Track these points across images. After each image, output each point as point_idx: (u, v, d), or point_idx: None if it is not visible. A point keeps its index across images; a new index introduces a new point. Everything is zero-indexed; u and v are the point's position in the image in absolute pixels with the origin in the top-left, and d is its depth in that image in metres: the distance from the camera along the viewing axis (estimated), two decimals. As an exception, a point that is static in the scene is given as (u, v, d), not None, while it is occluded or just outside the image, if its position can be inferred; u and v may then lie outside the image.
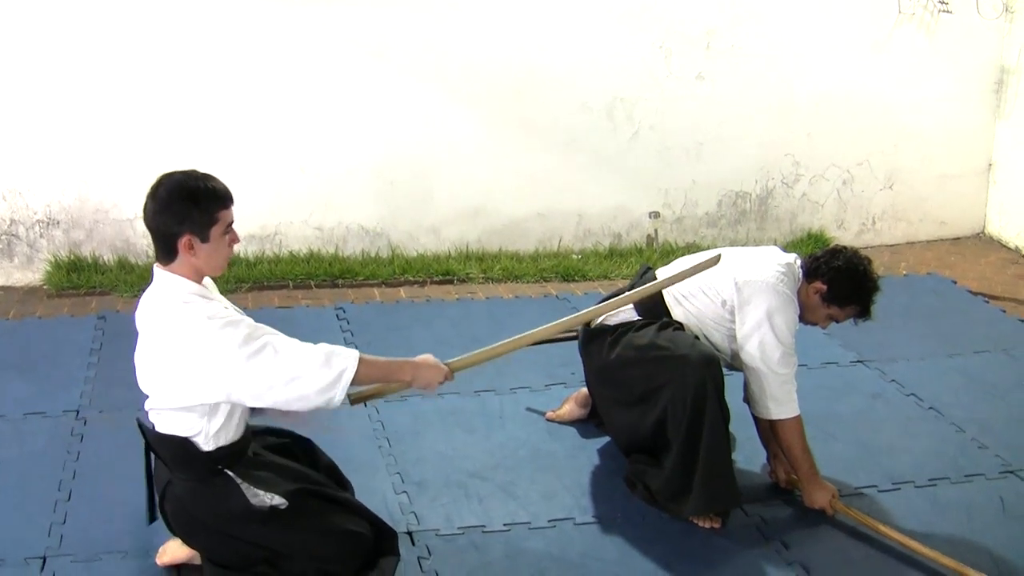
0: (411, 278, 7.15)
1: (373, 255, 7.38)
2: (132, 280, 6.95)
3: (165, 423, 3.65)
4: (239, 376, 3.45)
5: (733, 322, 4.43)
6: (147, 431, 3.76)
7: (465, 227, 7.49)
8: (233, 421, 3.66)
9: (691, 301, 4.53)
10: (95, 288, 6.96)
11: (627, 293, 4.46)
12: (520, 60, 7.24)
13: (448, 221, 7.48)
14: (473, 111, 7.29)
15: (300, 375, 3.47)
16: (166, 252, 3.56)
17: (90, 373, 5.75)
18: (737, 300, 4.39)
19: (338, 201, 7.28)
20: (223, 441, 3.65)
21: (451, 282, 7.17)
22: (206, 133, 6.88)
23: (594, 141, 7.52)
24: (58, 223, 7.11)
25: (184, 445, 3.62)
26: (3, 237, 7.07)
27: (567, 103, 7.40)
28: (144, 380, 3.67)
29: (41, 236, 7.11)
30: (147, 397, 3.71)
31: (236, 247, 3.75)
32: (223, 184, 3.61)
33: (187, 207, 3.49)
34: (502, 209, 7.49)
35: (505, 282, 7.18)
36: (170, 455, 3.70)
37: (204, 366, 3.47)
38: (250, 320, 3.57)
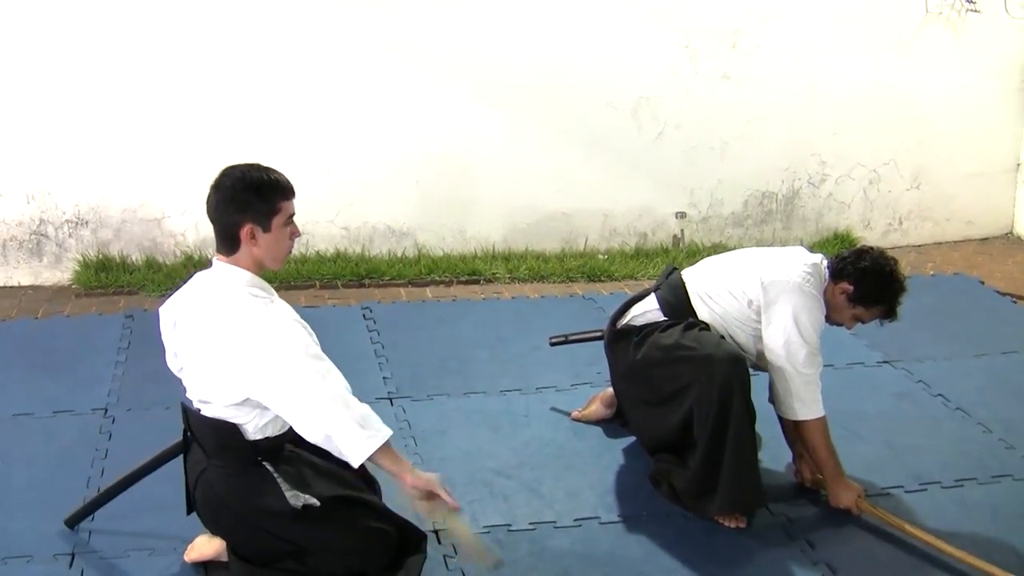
0: (437, 278, 7.17)
1: (399, 255, 7.40)
2: (159, 279, 7.00)
3: (213, 409, 3.68)
4: (288, 385, 3.51)
5: (759, 322, 4.42)
6: (191, 415, 3.79)
7: (491, 227, 7.50)
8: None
9: (717, 301, 4.52)
10: (123, 287, 7.02)
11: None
12: (546, 60, 7.25)
13: (474, 221, 7.50)
14: (500, 111, 7.30)
15: (335, 417, 3.55)
16: (228, 243, 3.62)
17: (118, 371, 5.79)
18: (763, 300, 4.38)
19: (365, 201, 7.31)
20: (269, 432, 3.68)
21: (477, 282, 7.19)
22: (233, 134, 6.92)
23: (619, 141, 7.52)
24: (86, 223, 7.16)
25: (229, 432, 3.66)
26: (32, 237, 7.12)
27: (593, 103, 7.41)
28: (193, 370, 3.72)
29: (70, 236, 7.17)
30: (187, 386, 3.79)
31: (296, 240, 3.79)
32: (285, 176, 3.67)
33: (250, 197, 3.57)
34: (528, 209, 7.51)
35: (531, 282, 7.20)
36: (212, 441, 3.73)
37: (263, 365, 3.51)
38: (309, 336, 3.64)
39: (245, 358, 3.53)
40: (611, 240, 7.75)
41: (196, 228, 7.20)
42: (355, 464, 3.59)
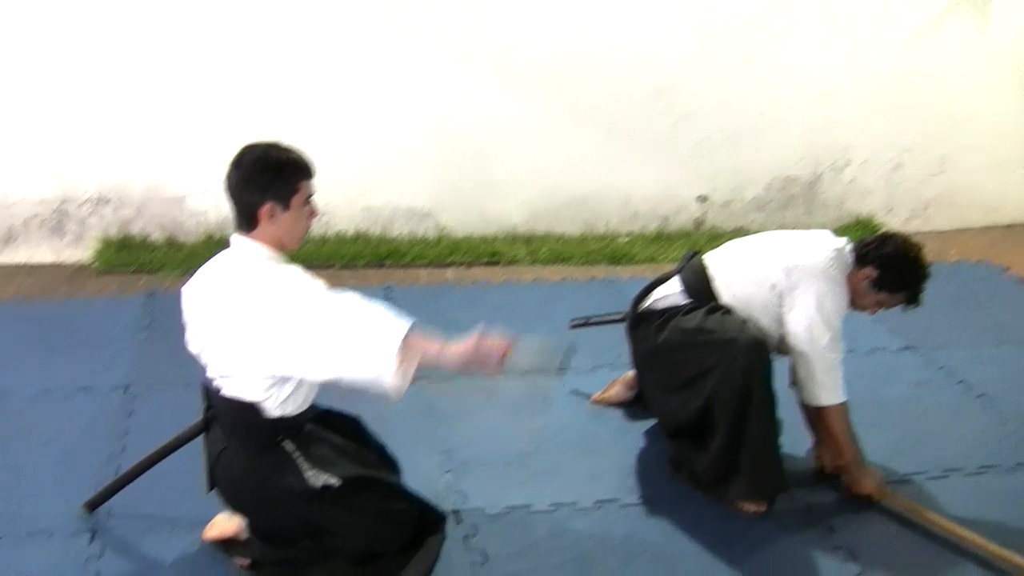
0: (458, 260, 7.15)
1: (420, 236, 7.39)
2: (181, 258, 6.99)
3: (233, 387, 3.68)
4: (304, 337, 3.46)
5: (781, 307, 4.40)
6: (211, 393, 3.80)
7: (513, 209, 7.49)
8: (302, 390, 3.69)
9: (739, 285, 4.50)
10: (144, 266, 7.00)
11: None
12: (567, 42, 7.21)
13: (496, 203, 7.48)
14: (521, 94, 7.28)
15: (349, 346, 3.43)
16: (247, 221, 3.62)
17: (139, 350, 5.80)
18: (786, 284, 4.36)
19: (386, 182, 7.30)
20: (289, 410, 3.68)
21: (498, 264, 7.17)
22: (255, 113, 6.89)
23: (641, 123, 7.49)
24: (108, 201, 7.16)
25: (248, 411, 3.66)
26: (54, 215, 7.13)
27: (615, 85, 7.37)
28: (213, 345, 3.72)
29: (91, 214, 7.17)
30: (207, 365, 3.78)
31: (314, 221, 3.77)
32: (305, 155, 3.67)
33: (270, 176, 3.58)
34: (550, 191, 7.49)
35: (552, 264, 7.17)
36: (231, 420, 3.74)
37: (280, 328, 3.48)
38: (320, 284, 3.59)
39: (262, 309, 3.51)
40: (632, 223, 7.73)
41: (218, 207, 7.18)
42: (390, 378, 3.42)
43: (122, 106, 6.90)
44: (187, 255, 7.02)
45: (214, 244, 6.89)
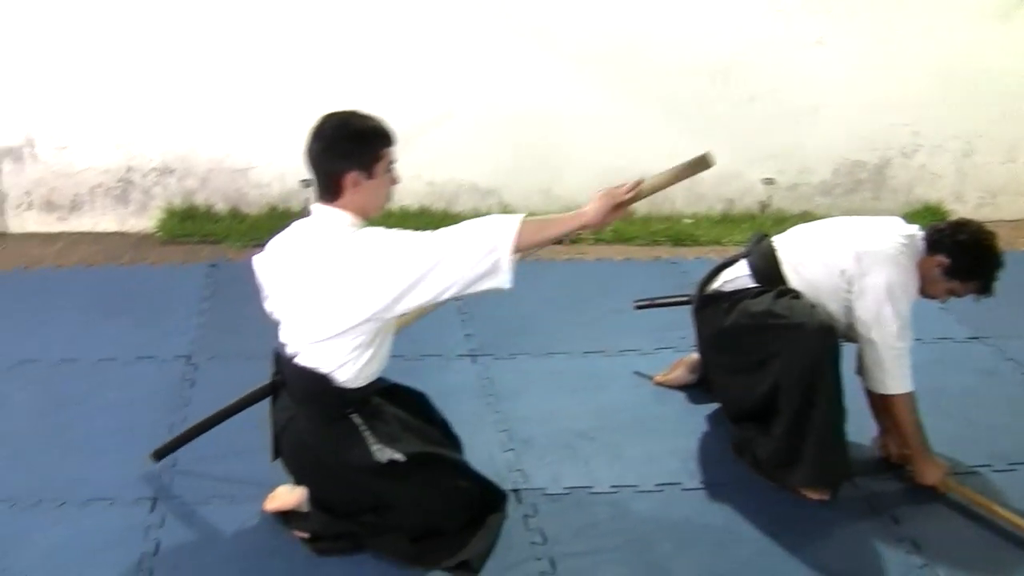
0: (521, 236, 7.12)
1: (483, 212, 7.34)
2: (243, 230, 7.04)
3: (309, 356, 3.68)
4: (408, 267, 3.49)
5: (850, 292, 4.33)
6: (283, 361, 3.81)
7: (578, 187, 7.39)
8: (380, 354, 3.71)
9: (808, 269, 4.44)
10: (207, 237, 7.06)
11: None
12: (635, 21, 7.16)
13: (561, 181, 7.44)
14: (587, 72, 7.24)
15: (457, 247, 3.49)
16: (330, 190, 3.64)
17: (201, 320, 5.84)
18: (856, 270, 4.29)
19: (451, 157, 7.28)
20: (363, 378, 3.70)
21: (561, 242, 7.09)
22: (320, 87, 6.90)
23: (709, 104, 7.42)
24: (172, 171, 7.21)
25: (321, 381, 3.67)
26: (119, 184, 7.19)
27: (683, 65, 7.31)
28: (297, 312, 3.73)
29: (156, 184, 7.22)
30: (284, 332, 3.82)
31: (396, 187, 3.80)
32: (385, 123, 3.69)
33: (353, 144, 3.61)
34: (616, 170, 7.32)
35: (615, 244, 7.13)
36: (302, 389, 3.75)
37: (377, 270, 3.51)
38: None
39: (367, 253, 3.54)
40: (697, 204, 7.67)
41: (281, 179, 7.22)
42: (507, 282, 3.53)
43: (188, 77, 6.94)
44: (250, 227, 7.06)
45: (277, 216, 6.97)
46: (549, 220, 3.67)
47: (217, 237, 7.04)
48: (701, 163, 4.04)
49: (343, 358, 3.67)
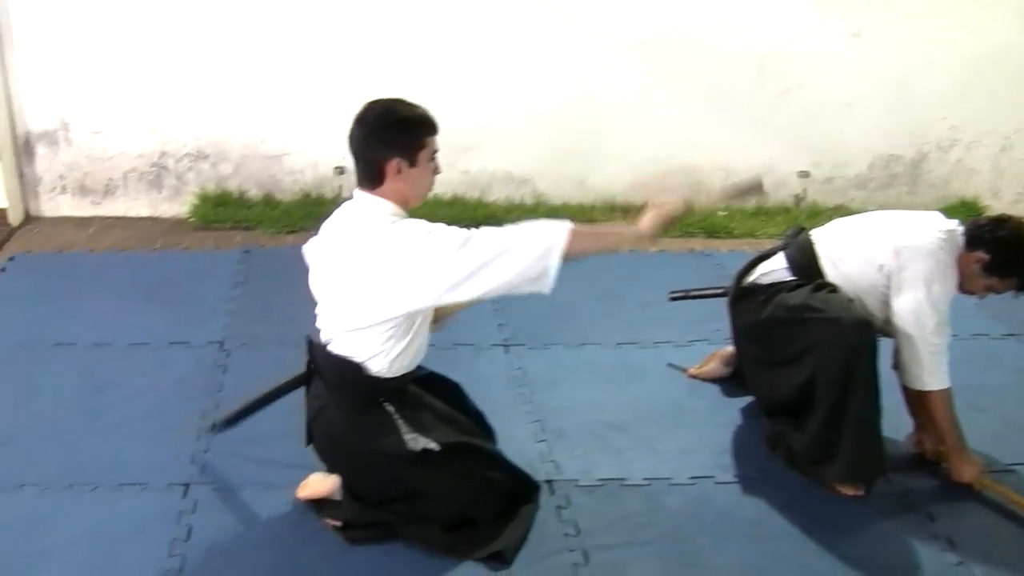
0: (555, 228, 7.10)
1: (517, 202, 7.35)
2: (276, 216, 7.05)
3: (343, 344, 3.68)
4: (454, 265, 3.48)
5: (888, 287, 4.29)
6: (316, 349, 3.80)
7: (612, 178, 7.41)
8: (413, 346, 3.71)
9: (847, 263, 4.40)
10: (240, 223, 7.07)
11: None
12: (671, 11, 7.12)
13: (595, 171, 7.42)
14: (622, 63, 7.20)
15: (509, 251, 3.47)
16: (372, 177, 3.63)
17: (233, 306, 5.85)
18: (895, 265, 4.25)
19: (485, 147, 7.26)
20: (396, 368, 3.69)
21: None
22: (355, 74, 6.90)
23: (744, 96, 7.38)
24: (206, 157, 7.22)
25: (355, 369, 3.67)
26: (152, 168, 7.20)
27: (718, 56, 7.27)
28: (333, 299, 3.74)
29: (189, 169, 7.23)
30: (321, 318, 3.82)
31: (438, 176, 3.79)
32: (428, 111, 3.68)
33: (396, 132, 3.60)
34: (649, 161, 7.37)
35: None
36: (336, 377, 3.75)
37: (423, 267, 3.50)
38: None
39: (407, 273, 3.53)
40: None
41: (315, 166, 7.21)
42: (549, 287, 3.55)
43: (224, 62, 6.94)
44: (283, 213, 7.07)
45: (310, 203, 6.98)
46: (602, 232, 3.77)
47: (250, 223, 7.04)
48: (753, 186, 4.14)
49: (376, 348, 3.67)
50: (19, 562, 3.82)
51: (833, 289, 4.36)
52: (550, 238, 3.49)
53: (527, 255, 3.47)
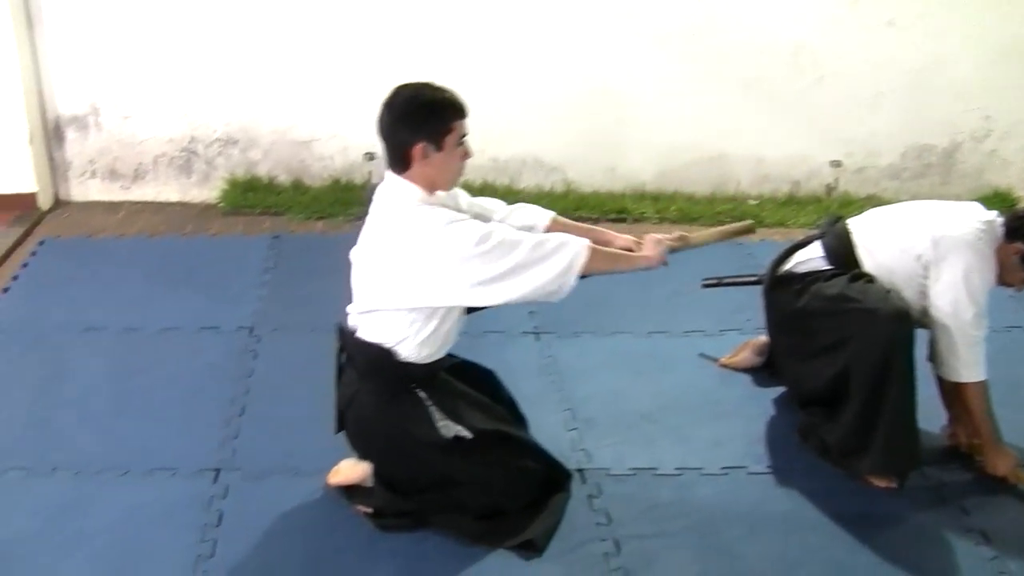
0: (585, 214, 7.05)
1: (547, 190, 7.32)
2: (305, 202, 7.04)
3: (371, 329, 3.68)
4: (474, 271, 3.50)
5: (926, 278, 4.25)
6: (347, 336, 3.79)
7: (642, 166, 7.38)
8: (441, 332, 3.70)
9: (884, 253, 4.35)
10: (269, 208, 7.05)
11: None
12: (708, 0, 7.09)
13: (626, 159, 7.38)
14: (654, 51, 7.15)
15: (532, 264, 3.53)
16: (399, 161, 3.63)
17: (263, 292, 5.84)
18: (933, 255, 4.20)
19: (515, 133, 7.22)
20: (425, 354, 3.69)
21: (624, 220, 7.07)
22: (385, 58, 6.87)
23: (777, 85, 7.32)
24: (236, 142, 7.20)
25: (385, 355, 3.67)
26: (182, 154, 7.19)
27: (751, 45, 7.21)
28: (362, 282, 3.72)
29: (219, 154, 7.22)
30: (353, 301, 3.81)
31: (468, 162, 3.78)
32: (458, 95, 3.67)
33: (422, 115, 3.59)
34: (681, 150, 7.37)
35: (679, 224, 7.05)
36: (366, 363, 3.74)
37: (441, 264, 3.52)
38: (481, 224, 3.62)
39: (427, 269, 3.54)
40: (762, 185, 7.58)
41: (344, 152, 7.20)
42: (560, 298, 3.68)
43: (253, 48, 6.92)
44: (312, 199, 7.06)
45: (339, 189, 6.98)
46: (617, 256, 3.87)
47: (279, 209, 7.03)
48: (746, 230, 4.27)
49: (401, 333, 3.67)
50: (51, 546, 3.83)
51: (870, 279, 4.32)
52: (572, 257, 3.59)
53: (549, 271, 3.57)
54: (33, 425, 4.55)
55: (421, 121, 3.59)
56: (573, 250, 3.59)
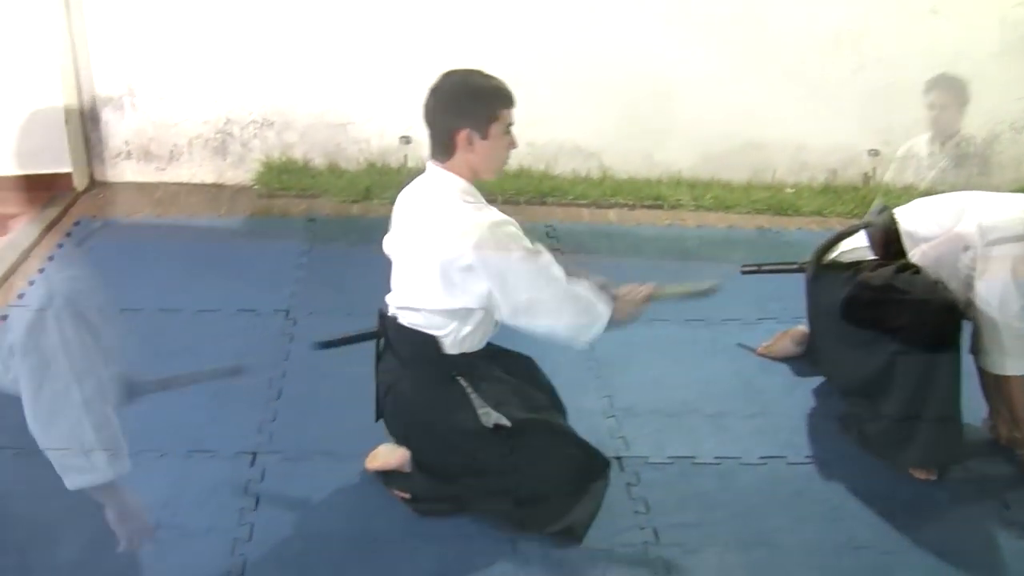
0: (621, 201, 7.02)
1: (584, 176, 7.29)
2: (341, 185, 7.01)
3: (412, 317, 3.66)
4: (510, 287, 3.53)
5: (972, 268, 4.20)
6: (388, 322, 3.78)
7: (679, 153, 7.34)
8: (482, 328, 3.69)
9: (931, 244, 4.30)
10: (305, 191, 7.03)
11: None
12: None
13: (662, 146, 7.33)
14: (694, 37, 7.10)
15: (559, 311, 3.60)
16: (443, 148, 3.62)
17: (300, 274, 5.83)
18: (981, 246, 4.16)
19: (552, 119, 7.17)
20: (467, 347, 3.67)
21: (661, 207, 7.03)
22: (422, 42, 6.83)
23: (817, 72, 7.26)
24: (272, 124, 7.19)
25: (427, 343, 3.65)
26: (218, 135, 7.17)
27: (792, 32, 7.16)
28: (402, 278, 3.74)
29: (254, 136, 7.20)
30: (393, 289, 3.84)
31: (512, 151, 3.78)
32: (505, 83, 3.64)
33: (469, 102, 3.59)
34: (719, 137, 7.32)
35: (716, 211, 7.02)
36: (408, 351, 3.74)
37: (478, 271, 3.52)
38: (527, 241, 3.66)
39: (464, 274, 3.52)
40: (800, 174, 7.52)
41: (380, 135, 7.17)
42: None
43: (289, 31, 6.90)
44: (348, 182, 7.04)
45: (375, 172, 6.96)
46: (619, 313, 3.87)
47: (315, 192, 7.01)
48: (708, 291, 4.28)
49: (443, 328, 3.68)
50: (87, 528, 3.82)
51: (916, 270, 4.28)
52: (594, 321, 3.73)
53: (570, 324, 3.68)
54: (69, 406, 4.54)
55: (467, 107, 3.58)
56: (598, 315, 3.72)
